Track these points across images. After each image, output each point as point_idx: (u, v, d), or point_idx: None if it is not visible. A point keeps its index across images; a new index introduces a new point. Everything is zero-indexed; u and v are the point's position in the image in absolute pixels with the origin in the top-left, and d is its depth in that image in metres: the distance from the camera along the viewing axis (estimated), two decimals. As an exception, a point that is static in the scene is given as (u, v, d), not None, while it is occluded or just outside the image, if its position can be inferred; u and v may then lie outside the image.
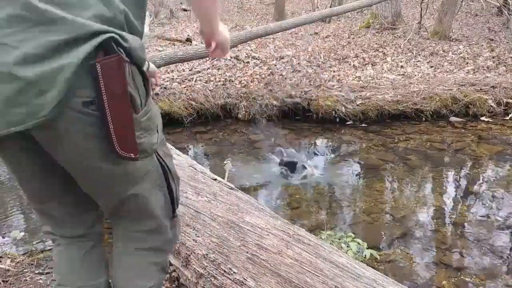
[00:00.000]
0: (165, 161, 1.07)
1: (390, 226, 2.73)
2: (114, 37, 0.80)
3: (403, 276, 2.23)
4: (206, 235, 1.57)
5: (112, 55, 0.81)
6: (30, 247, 2.41)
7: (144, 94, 0.95)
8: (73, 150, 0.88)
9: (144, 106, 0.95)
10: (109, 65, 0.80)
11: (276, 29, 5.53)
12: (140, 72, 0.93)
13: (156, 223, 1.12)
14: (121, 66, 0.82)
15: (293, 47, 7.67)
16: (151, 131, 0.98)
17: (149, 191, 1.05)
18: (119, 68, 0.82)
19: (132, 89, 0.89)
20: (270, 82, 5.51)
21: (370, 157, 3.82)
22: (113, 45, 0.80)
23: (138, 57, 0.89)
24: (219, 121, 4.91)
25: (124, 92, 0.85)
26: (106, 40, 0.79)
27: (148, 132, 0.97)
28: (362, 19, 10.03)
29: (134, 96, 0.90)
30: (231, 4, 15.03)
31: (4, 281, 1.85)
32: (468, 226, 2.70)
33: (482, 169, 3.50)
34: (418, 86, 5.02)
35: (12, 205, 3.04)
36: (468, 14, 9.99)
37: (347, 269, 1.34)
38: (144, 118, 0.94)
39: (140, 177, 1.01)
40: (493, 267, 2.29)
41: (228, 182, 1.98)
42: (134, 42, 0.87)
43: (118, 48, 0.81)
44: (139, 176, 1.01)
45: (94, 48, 0.78)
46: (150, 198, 1.07)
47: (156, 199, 1.09)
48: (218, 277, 1.44)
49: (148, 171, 1.02)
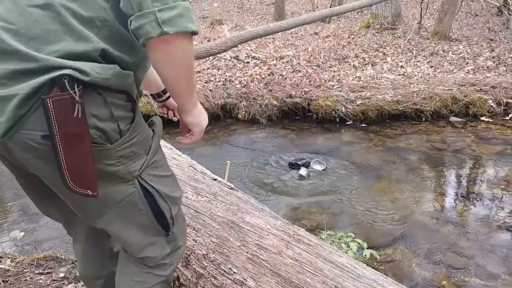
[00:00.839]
0: (151, 185, 1.02)
1: (390, 226, 2.73)
2: (68, 74, 0.77)
3: (403, 276, 2.23)
4: (206, 235, 1.57)
5: (64, 93, 0.77)
6: (30, 247, 2.41)
7: (127, 122, 0.92)
8: (37, 170, 0.90)
9: (126, 133, 0.92)
10: (60, 102, 0.77)
11: (276, 29, 5.52)
12: (128, 98, 0.91)
13: (145, 241, 1.11)
14: (73, 104, 0.78)
15: (293, 47, 7.67)
16: (134, 157, 0.96)
17: (128, 214, 1.04)
18: (72, 106, 0.78)
19: (103, 122, 0.86)
20: (270, 82, 5.51)
21: (370, 157, 3.82)
22: (64, 82, 0.77)
23: (117, 85, 0.86)
24: (219, 121, 4.91)
25: (81, 131, 0.81)
26: (59, 76, 0.77)
27: (129, 159, 0.95)
28: (362, 19, 10.03)
29: (107, 129, 0.87)
30: (231, 4, 15.03)
31: (4, 281, 1.85)
32: (468, 226, 2.70)
33: (482, 169, 3.50)
34: (418, 86, 5.02)
35: (12, 205, 3.04)
36: (468, 14, 9.99)
37: (347, 269, 1.34)
38: (122, 147, 0.92)
39: (117, 202, 0.99)
40: (493, 267, 2.29)
41: (228, 182, 1.98)
42: (106, 72, 0.83)
43: (74, 85, 0.78)
44: (115, 201, 0.99)
45: (48, 82, 0.77)
46: (128, 222, 1.05)
47: (138, 221, 1.07)
48: (218, 277, 1.44)
49: (124, 198, 0.99)
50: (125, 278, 1.20)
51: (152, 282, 1.18)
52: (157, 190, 1.04)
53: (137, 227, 1.07)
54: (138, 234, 1.09)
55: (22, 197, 3.17)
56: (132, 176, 0.97)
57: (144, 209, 1.04)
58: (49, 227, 2.76)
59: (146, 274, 1.17)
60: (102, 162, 0.89)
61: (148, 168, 1.01)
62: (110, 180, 0.94)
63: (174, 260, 1.21)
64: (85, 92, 0.80)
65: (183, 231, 1.26)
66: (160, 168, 1.07)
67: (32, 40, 0.78)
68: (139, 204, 1.03)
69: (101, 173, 0.90)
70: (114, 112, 0.87)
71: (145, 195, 1.02)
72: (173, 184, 1.15)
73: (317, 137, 4.43)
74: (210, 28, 10.24)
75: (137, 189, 1.00)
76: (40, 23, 0.79)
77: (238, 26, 10.39)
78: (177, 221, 1.17)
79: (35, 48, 0.78)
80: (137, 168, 0.98)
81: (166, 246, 1.16)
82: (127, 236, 1.08)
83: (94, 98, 0.83)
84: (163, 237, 1.13)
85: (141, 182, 1.00)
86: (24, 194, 1.17)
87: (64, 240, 2.60)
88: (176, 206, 1.14)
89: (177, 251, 1.22)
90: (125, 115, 0.91)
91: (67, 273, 1.95)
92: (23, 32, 0.78)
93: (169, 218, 1.10)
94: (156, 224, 1.08)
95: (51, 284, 1.85)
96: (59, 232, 2.72)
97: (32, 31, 0.79)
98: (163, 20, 0.79)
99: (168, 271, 1.20)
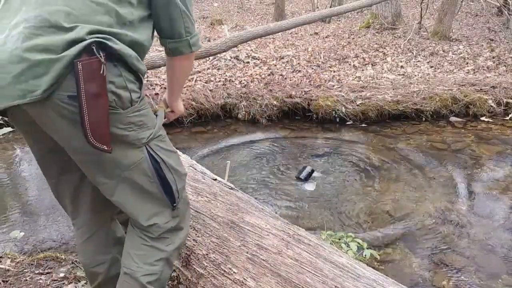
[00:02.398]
0: (158, 155, 1.17)
1: (390, 226, 2.73)
2: (97, 41, 0.95)
3: (403, 276, 2.23)
4: (206, 235, 1.57)
5: (92, 57, 0.95)
6: (30, 247, 2.41)
7: (138, 95, 1.09)
8: (62, 130, 1.04)
9: (136, 104, 1.09)
10: (87, 65, 0.94)
11: (276, 29, 5.52)
12: (136, 78, 1.08)
13: (152, 210, 1.22)
14: (99, 67, 0.95)
15: (293, 47, 7.67)
16: (143, 127, 1.12)
17: (138, 180, 1.16)
18: (98, 68, 0.95)
19: (118, 88, 1.03)
20: (270, 82, 5.51)
21: (370, 157, 3.82)
22: (93, 48, 0.94)
23: (132, 64, 1.04)
24: (219, 121, 4.91)
25: (102, 90, 0.97)
26: (88, 44, 0.94)
27: (139, 127, 1.11)
28: (362, 19, 10.02)
29: (121, 95, 1.04)
30: (231, 4, 15.03)
31: (4, 281, 1.85)
32: (468, 226, 2.70)
33: (482, 169, 3.50)
34: (418, 86, 5.02)
35: (12, 205, 3.04)
36: (468, 14, 9.99)
37: (347, 269, 1.34)
38: (133, 114, 1.08)
39: (127, 166, 1.13)
40: (493, 267, 2.29)
41: (228, 182, 1.98)
42: (127, 51, 1.02)
43: (101, 51, 0.95)
44: (126, 165, 1.12)
45: (83, 49, 0.94)
46: (139, 186, 1.17)
47: (146, 189, 1.19)
48: (218, 277, 1.44)
49: (135, 162, 1.13)
50: (128, 252, 1.27)
51: (153, 257, 1.25)
52: (163, 160, 1.18)
53: (146, 194, 1.19)
54: (147, 202, 1.21)
55: (22, 197, 3.17)
56: (141, 143, 1.13)
57: (151, 176, 1.17)
58: (49, 227, 2.77)
59: (147, 247, 1.25)
60: (115, 125, 1.05)
61: (155, 139, 1.17)
62: (121, 143, 1.09)
63: (175, 239, 1.30)
64: (107, 63, 0.98)
65: (186, 214, 1.35)
66: (165, 143, 1.23)
67: (75, 18, 0.97)
68: (147, 171, 1.16)
69: (114, 136, 1.05)
70: (127, 84, 1.05)
71: (153, 163, 1.16)
72: (178, 160, 1.28)
73: (317, 137, 4.43)
74: (210, 28, 10.23)
75: (145, 156, 1.14)
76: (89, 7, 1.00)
77: (238, 26, 10.39)
78: (182, 198, 1.28)
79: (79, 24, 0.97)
80: (146, 136, 1.13)
81: (171, 219, 1.26)
82: (137, 204, 1.19)
83: (111, 68, 1.00)
84: (169, 209, 1.25)
85: (149, 150, 1.15)
86: (24, 194, 1.19)
87: (64, 240, 2.60)
88: (182, 182, 1.27)
89: (179, 232, 1.31)
90: (135, 89, 1.08)
91: (67, 273, 1.95)
92: (82, 17, 0.98)
93: (175, 190, 1.23)
94: (163, 194, 1.21)
95: (51, 284, 1.85)
96: (59, 232, 2.72)
97: (82, 13, 0.99)
98: (192, 44, 1.22)
99: (170, 249, 1.28)
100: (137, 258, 1.24)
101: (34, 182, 3.40)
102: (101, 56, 0.95)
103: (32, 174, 3.54)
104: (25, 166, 3.74)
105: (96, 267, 1.38)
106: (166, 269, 1.29)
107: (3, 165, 3.75)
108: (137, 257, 1.24)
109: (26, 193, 3.23)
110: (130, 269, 1.24)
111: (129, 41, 1.05)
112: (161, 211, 1.24)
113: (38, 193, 3.21)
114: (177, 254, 1.35)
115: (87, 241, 1.37)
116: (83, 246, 1.38)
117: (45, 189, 3.27)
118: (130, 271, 1.24)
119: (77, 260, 2.04)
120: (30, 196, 3.18)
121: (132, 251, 1.25)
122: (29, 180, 3.44)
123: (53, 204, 3.04)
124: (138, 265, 1.23)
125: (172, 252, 1.29)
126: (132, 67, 1.06)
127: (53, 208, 2.97)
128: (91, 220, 1.34)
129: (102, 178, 1.14)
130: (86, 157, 1.10)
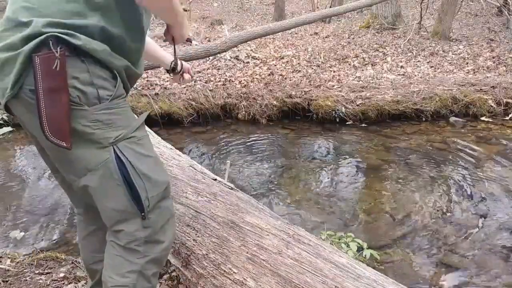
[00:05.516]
0: (126, 157, 1.08)
1: (390, 226, 2.73)
2: (54, 35, 0.94)
3: (403, 276, 2.23)
4: (206, 235, 1.57)
5: (49, 51, 0.94)
6: (30, 247, 2.41)
7: (109, 93, 1.05)
8: (31, 125, 1.04)
9: (105, 101, 1.05)
10: (45, 59, 0.93)
11: (276, 29, 5.53)
12: (111, 75, 1.06)
13: (119, 215, 1.12)
14: (55, 61, 0.94)
15: (293, 47, 7.67)
16: (112, 126, 1.07)
17: (104, 182, 1.09)
18: (54, 63, 0.94)
19: (83, 85, 1.00)
20: (270, 82, 5.51)
21: (370, 157, 3.82)
22: (49, 43, 0.94)
23: (104, 59, 1.02)
24: (219, 121, 4.91)
25: (61, 85, 0.96)
26: (46, 38, 0.94)
27: (107, 126, 1.06)
28: (362, 19, 10.02)
29: (86, 91, 1.01)
30: (231, 4, 15.04)
31: (4, 281, 1.85)
32: (468, 226, 2.70)
33: (482, 169, 3.49)
34: (418, 86, 5.02)
35: (12, 205, 3.04)
36: (468, 14, 9.99)
37: (347, 269, 1.34)
38: (101, 112, 1.04)
39: (93, 165, 1.07)
40: (493, 267, 2.29)
41: (228, 182, 1.98)
42: (94, 45, 0.99)
43: (62, 46, 0.95)
44: (91, 164, 1.07)
45: (40, 43, 0.94)
46: (104, 188, 1.10)
47: (113, 192, 1.10)
48: (218, 277, 1.44)
49: (100, 162, 1.07)
50: (105, 259, 1.20)
51: (123, 268, 1.14)
52: (132, 164, 1.09)
53: (113, 197, 1.11)
54: (114, 205, 1.12)
55: (22, 197, 3.17)
56: (108, 142, 1.06)
57: (118, 179, 1.08)
58: (49, 227, 2.77)
59: (117, 257, 1.15)
60: (79, 122, 1.02)
61: (126, 140, 1.09)
62: (87, 142, 1.05)
63: (151, 252, 1.17)
64: (70, 57, 0.97)
65: (167, 226, 1.21)
66: (141, 146, 1.13)
67: (33, 10, 0.98)
68: (114, 174, 1.08)
69: (78, 133, 1.02)
70: (94, 80, 1.02)
71: (119, 165, 1.08)
72: (155, 166, 1.16)
73: (317, 137, 4.43)
74: (210, 28, 10.24)
75: (111, 157, 1.07)
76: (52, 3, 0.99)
77: (238, 26, 10.40)
78: (158, 209, 1.16)
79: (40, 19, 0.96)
80: (113, 136, 1.07)
81: (141, 229, 1.14)
82: (104, 205, 1.13)
83: (76, 63, 0.99)
84: (138, 218, 1.13)
85: (116, 151, 1.08)
86: (24, 194, 1.20)
87: (64, 240, 2.60)
88: (156, 190, 1.14)
89: (155, 246, 1.17)
90: (106, 86, 1.05)
91: (67, 273, 1.95)
92: (40, 10, 0.98)
93: (145, 198, 1.11)
94: (131, 200, 1.10)
95: (51, 284, 1.85)
96: (59, 232, 2.72)
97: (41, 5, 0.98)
98: None
99: (142, 261, 1.15)
100: (109, 267, 1.17)
101: (34, 182, 3.40)
102: (56, 51, 0.94)
103: (32, 174, 3.54)
104: (25, 166, 3.74)
105: (94, 264, 1.39)
106: (141, 282, 1.16)
107: (3, 165, 3.75)
108: (109, 266, 1.17)
109: (26, 193, 3.23)
110: (104, 278, 1.18)
111: (101, 32, 1.01)
112: (128, 218, 1.12)
113: (38, 193, 3.21)
114: (155, 268, 1.21)
115: (86, 238, 1.38)
116: (83, 243, 1.40)
117: (45, 189, 3.27)
118: (104, 279, 1.17)
119: (77, 260, 2.04)
120: (30, 196, 3.17)
121: (106, 260, 1.19)
122: (29, 180, 3.44)
123: (53, 204, 3.04)
124: (109, 275, 1.16)
125: (145, 265, 1.16)
126: (106, 63, 1.02)
127: (53, 208, 2.97)
128: (90, 216, 1.33)
129: (72, 175, 1.12)
130: (53, 153, 1.09)
